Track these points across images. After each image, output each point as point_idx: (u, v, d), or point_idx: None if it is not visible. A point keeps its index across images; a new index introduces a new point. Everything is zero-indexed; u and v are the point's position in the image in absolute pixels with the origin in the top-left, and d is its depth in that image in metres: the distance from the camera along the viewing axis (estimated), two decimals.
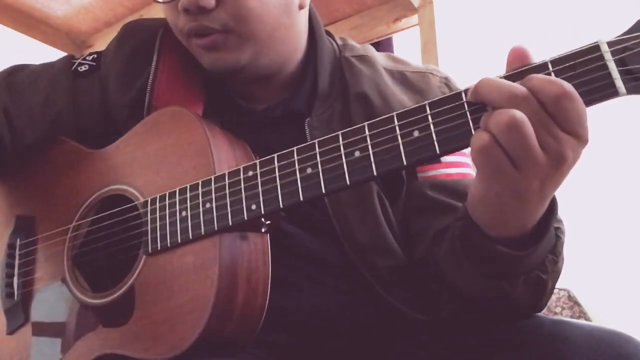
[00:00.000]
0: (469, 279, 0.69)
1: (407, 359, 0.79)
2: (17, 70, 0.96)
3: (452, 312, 0.76)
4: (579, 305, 2.43)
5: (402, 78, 0.89)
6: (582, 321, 0.69)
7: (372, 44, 2.27)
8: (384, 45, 2.32)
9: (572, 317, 2.38)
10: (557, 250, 0.66)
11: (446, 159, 0.83)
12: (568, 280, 2.45)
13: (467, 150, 0.86)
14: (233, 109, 0.87)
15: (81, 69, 0.94)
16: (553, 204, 0.62)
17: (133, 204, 0.79)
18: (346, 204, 0.80)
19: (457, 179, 0.83)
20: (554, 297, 2.45)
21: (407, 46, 2.34)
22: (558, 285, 2.42)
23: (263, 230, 0.72)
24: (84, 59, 0.96)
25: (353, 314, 0.81)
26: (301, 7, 0.85)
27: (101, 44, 2.38)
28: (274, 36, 0.82)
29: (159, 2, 0.82)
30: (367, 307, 0.81)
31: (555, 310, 2.43)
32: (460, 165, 0.84)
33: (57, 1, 2.17)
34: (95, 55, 0.97)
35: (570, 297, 2.45)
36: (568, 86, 0.51)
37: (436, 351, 0.76)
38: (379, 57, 0.93)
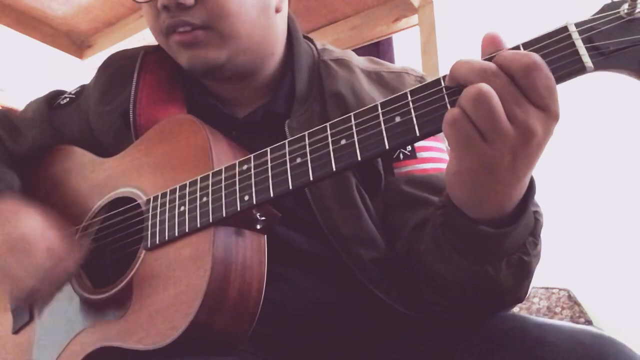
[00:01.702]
0: (452, 266, 0.69)
1: (396, 355, 0.79)
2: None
3: (439, 307, 0.76)
4: (579, 305, 2.43)
5: (379, 78, 0.91)
6: (566, 323, 0.69)
7: (372, 44, 2.29)
8: (384, 45, 2.32)
9: (572, 317, 2.38)
10: (537, 232, 0.67)
11: (422, 154, 0.85)
12: (568, 280, 2.45)
13: (445, 146, 0.88)
14: (215, 118, 0.87)
15: (63, 101, 1.01)
16: (531, 188, 0.63)
17: (136, 202, 0.81)
18: (328, 197, 0.81)
19: (433, 174, 0.84)
20: (553, 297, 2.45)
21: (407, 46, 2.34)
22: (558, 285, 2.43)
23: (258, 227, 0.73)
24: (70, 92, 1.03)
25: (344, 308, 0.82)
26: (277, 11, 0.88)
27: (101, 44, 2.39)
28: (252, 35, 0.84)
29: (137, 1, 0.84)
30: (357, 301, 0.81)
31: (555, 310, 2.42)
32: (436, 161, 0.86)
33: (57, 1, 2.17)
34: (79, 89, 1.03)
35: (570, 297, 2.44)
36: (537, 57, 0.53)
37: (423, 352, 0.76)
38: (357, 60, 0.96)
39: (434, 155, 0.86)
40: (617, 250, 2.38)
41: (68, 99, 1.02)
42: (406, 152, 0.85)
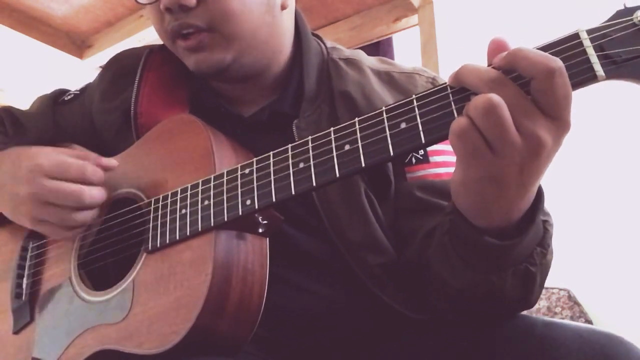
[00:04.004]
0: (457, 273, 0.68)
1: (401, 357, 0.79)
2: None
3: (445, 312, 0.76)
4: (579, 305, 2.43)
5: (389, 79, 0.90)
6: (574, 323, 0.68)
7: (372, 44, 2.29)
8: (384, 45, 2.32)
9: (572, 317, 2.38)
10: (546, 242, 0.66)
11: (435, 159, 0.83)
12: (568, 280, 2.45)
13: None
14: (221, 118, 0.87)
15: (67, 98, 1.02)
16: (539, 197, 0.62)
17: (137, 204, 0.81)
18: (336, 202, 0.80)
19: (446, 179, 0.82)
20: (553, 297, 2.45)
21: (407, 46, 2.34)
22: (558, 285, 2.42)
23: (260, 230, 0.72)
24: (75, 90, 1.04)
25: (348, 311, 0.81)
26: (283, 8, 0.87)
27: (101, 44, 2.40)
28: (257, 35, 0.83)
29: (140, 3, 0.83)
30: (362, 304, 0.81)
31: (555, 310, 2.42)
32: (449, 165, 0.83)
33: (57, 1, 2.18)
34: (84, 87, 1.04)
35: (570, 297, 2.44)
36: (561, 62, 0.52)
37: (428, 352, 0.75)
38: (368, 60, 0.94)
39: (447, 159, 0.84)
40: (617, 250, 2.38)
41: (72, 96, 1.02)
42: (418, 156, 0.83)
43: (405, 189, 0.83)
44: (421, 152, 0.84)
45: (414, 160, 0.84)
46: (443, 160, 0.83)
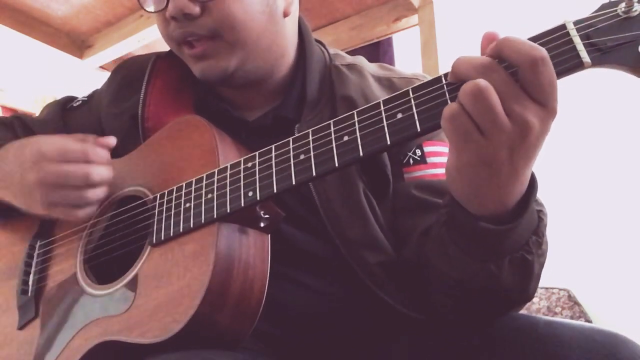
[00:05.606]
0: (455, 263, 0.69)
1: (401, 357, 0.79)
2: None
3: (446, 311, 0.76)
4: (579, 305, 2.43)
5: (389, 84, 0.92)
6: (576, 322, 0.68)
7: (372, 44, 2.29)
8: (384, 45, 2.32)
9: (572, 317, 2.38)
10: (541, 231, 0.67)
11: (432, 159, 0.85)
12: (568, 280, 2.45)
13: None
14: (226, 122, 0.89)
15: (75, 104, 1.05)
16: (533, 185, 0.63)
17: (143, 200, 0.82)
18: (335, 202, 0.81)
19: (443, 179, 0.82)
20: (553, 297, 2.45)
21: (407, 46, 2.34)
22: (558, 285, 2.41)
23: (262, 225, 0.73)
24: (83, 96, 1.07)
25: (348, 309, 0.82)
26: (286, 15, 0.89)
27: (101, 44, 2.39)
28: (260, 42, 0.85)
29: (148, 11, 0.86)
30: (362, 302, 0.82)
31: (555, 310, 2.42)
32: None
33: (57, 1, 2.17)
34: (91, 93, 1.07)
35: (570, 297, 2.45)
36: (544, 51, 0.54)
37: (429, 352, 0.76)
38: (369, 66, 0.96)
39: (444, 160, 0.86)
40: (617, 250, 2.39)
41: (80, 102, 1.05)
42: (416, 157, 0.85)
43: (403, 188, 0.84)
44: (419, 152, 0.85)
45: (411, 161, 0.85)
46: (440, 161, 0.85)
